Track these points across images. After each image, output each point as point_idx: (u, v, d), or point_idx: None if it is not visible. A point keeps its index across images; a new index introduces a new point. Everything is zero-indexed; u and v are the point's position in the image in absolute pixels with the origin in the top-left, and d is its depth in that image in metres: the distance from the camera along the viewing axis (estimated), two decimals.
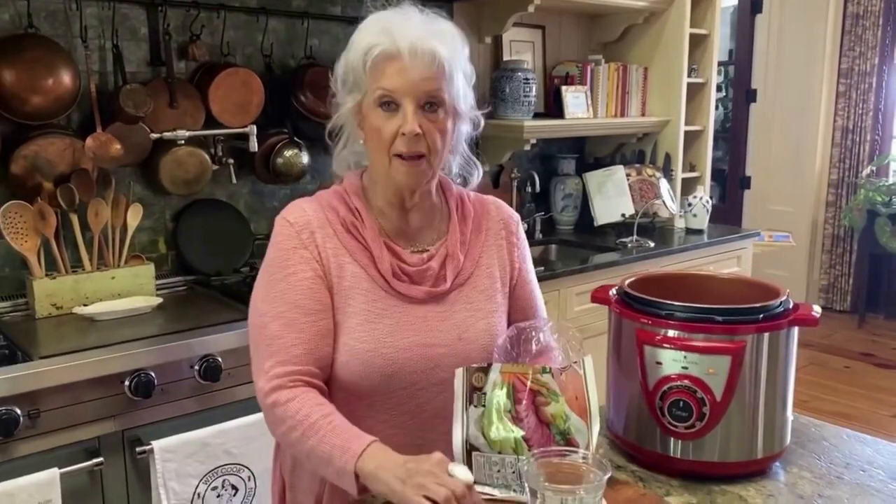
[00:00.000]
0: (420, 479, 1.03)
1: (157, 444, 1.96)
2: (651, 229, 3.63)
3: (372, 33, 1.24)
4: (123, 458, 1.97)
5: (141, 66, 2.48)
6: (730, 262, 3.64)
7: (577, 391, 1.13)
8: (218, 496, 2.08)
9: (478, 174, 1.39)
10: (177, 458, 1.99)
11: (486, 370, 1.14)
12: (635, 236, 3.40)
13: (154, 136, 2.40)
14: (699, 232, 3.69)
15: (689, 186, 3.86)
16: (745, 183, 6.19)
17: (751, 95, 6.09)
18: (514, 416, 1.11)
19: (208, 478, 2.05)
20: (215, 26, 2.60)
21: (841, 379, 4.56)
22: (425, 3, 1.30)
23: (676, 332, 1.18)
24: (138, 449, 1.96)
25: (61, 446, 1.87)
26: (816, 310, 1.24)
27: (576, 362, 1.15)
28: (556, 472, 0.93)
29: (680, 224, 3.77)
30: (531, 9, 3.13)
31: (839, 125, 5.65)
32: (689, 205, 3.72)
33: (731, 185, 6.34)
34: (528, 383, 1.12)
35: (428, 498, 1.00)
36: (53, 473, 1.82)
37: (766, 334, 1.19)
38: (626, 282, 1.31)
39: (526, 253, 1.45)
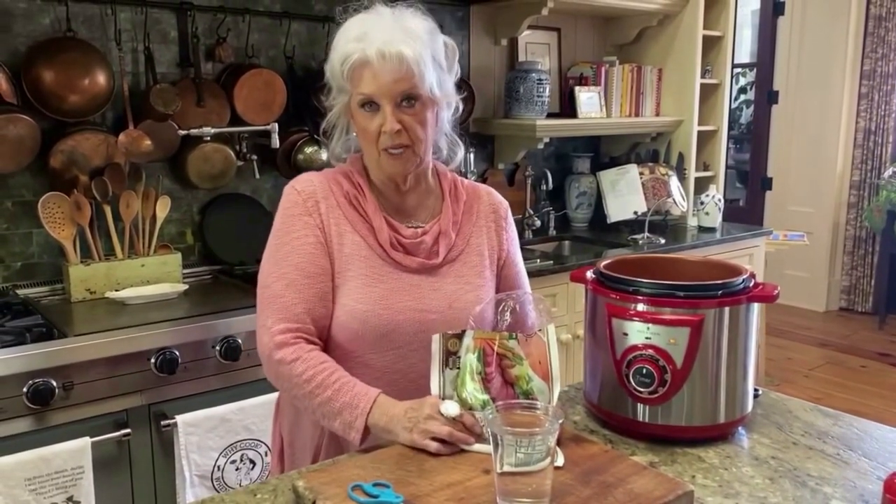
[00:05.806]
0: (423, 426, 1.21)
1: (180, 419, 2.10)
2: (664, 227, 3.71)
3: (348, 40, 1.34)
4: (149, 430, 2.12)
5: (170, 67, 2.64)
6: (741, 260, 3.63)
7: (540, 356, 1.24)
8: (237, 469, 2.22)
9: (461, 152, 1.51)
10: (199, 431, 2.13)
11: (460, 336, 1.26)
12: (647, 233, 3.48)
13: (182, 132, 2.56)
14: (711, 230, 3.76)
15: (702, 185, 3.93)
16: (767, 184, 6.20)
17: (772, 97, 6.11)
18: (483, 378, 1.23)
19: (228, 451, 2.19)
20: (241, 29, 2.75)
21: (856, 378, 4.58)
22: (444, 6, 1.38)
23: (642, 307, 1.29)
24: (163, 422, 2.10)
25: (92, 417, 2.02)
26: (777, 289, 1.34)
27: (540, 330, 1.27)
28: (516, 422, 1.04)
29: (693, 222, 3.85)
30: (545, 11, 3.24)
31: (861, 126, 5.66)
32: (702, 203, 3.79)
33: (752, 185, 6.37)
34: (496, 347, 1.24)
35: (434, 438, 1.20)
36: (85, 442, 1.97)
37: (727, 309, 1.29)
38: (603, 263, 1.42)
39: (514, 237, 1.56)
